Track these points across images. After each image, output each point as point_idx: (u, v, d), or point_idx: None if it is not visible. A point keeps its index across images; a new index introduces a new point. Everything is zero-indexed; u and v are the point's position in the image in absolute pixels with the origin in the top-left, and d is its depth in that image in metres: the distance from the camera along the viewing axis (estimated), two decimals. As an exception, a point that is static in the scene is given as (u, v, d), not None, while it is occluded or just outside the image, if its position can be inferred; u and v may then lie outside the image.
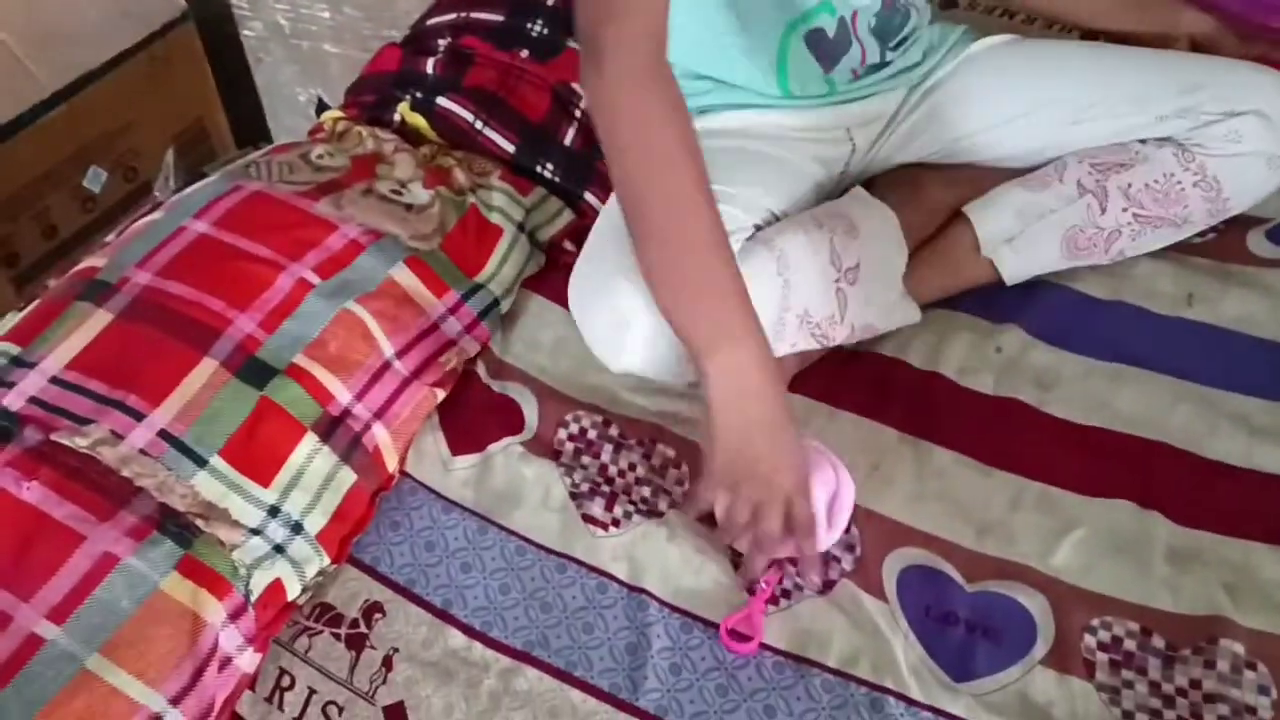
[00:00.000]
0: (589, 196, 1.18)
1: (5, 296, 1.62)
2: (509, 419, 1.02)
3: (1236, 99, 0.99)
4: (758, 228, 0.95)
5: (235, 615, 0.85)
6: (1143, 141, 1.02)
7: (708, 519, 0.89)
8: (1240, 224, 1.07)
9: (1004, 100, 1.06)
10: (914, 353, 1.03)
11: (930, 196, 1.08)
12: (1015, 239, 1.04)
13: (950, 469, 0.94)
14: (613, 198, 1.02)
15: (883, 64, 1.05)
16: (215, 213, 1.04)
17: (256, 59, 1.90)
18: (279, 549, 0.89)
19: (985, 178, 1.07)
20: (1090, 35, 1.16)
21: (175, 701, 0.81)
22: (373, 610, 0.92)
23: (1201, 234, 1.07)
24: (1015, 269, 1.05)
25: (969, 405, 0.99)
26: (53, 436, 0.88)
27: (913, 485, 0.94)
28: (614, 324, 0.90)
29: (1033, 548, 0.89)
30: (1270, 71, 1.00)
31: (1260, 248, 1.07)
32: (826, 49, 1.00)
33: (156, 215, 1.07)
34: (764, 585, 0.88)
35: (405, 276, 1.03)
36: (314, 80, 1.85)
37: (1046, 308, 1.05)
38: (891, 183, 1.10)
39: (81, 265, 1.03)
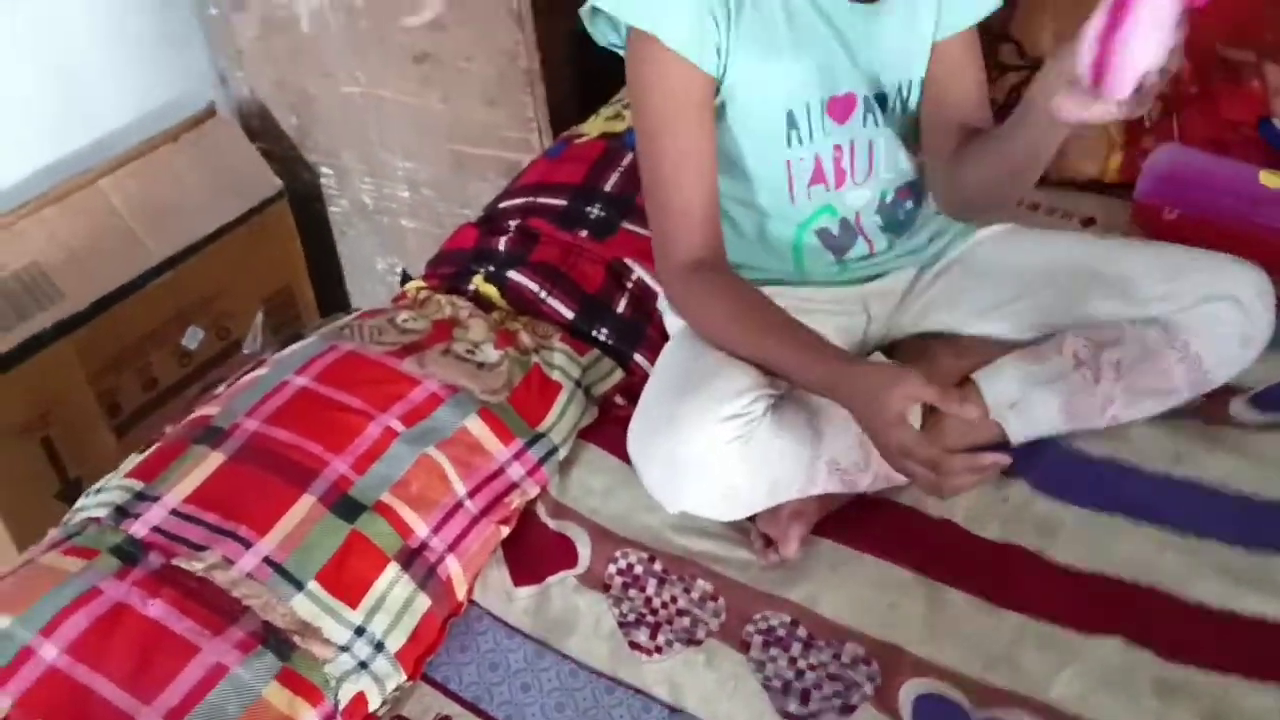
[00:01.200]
0: (638, 357, 1.32)
1: (107, 442, 1.78)
2: (565, 554, 1.14)
3: (1213, 285, 1.13)
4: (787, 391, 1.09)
5: (326, 721, 0.97)
6: (1132, 321, 1.16)
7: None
8: (1223, 392, 1.18)
9: (1005, 283, 1.20)
10: (928, 501, 1.14)
11: (942, 364, 1.21)
12: (1018, 404, 1.16)
13: (960, 607, 1.04)
14: (662, 356, 1.19)
15: (890, 247, 1.20)
16: (314, 369, 1.21)
17: (341, 232, 2.10)
18: (363, 665, 1.01)
19: (991, 349, 1.20)
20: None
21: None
22: (443, 722, 1.03)
23: (1191, 400, 1.18)
24: (1019, 431, 1.16)
25: (977, 550, 1.09)
26: (173, 561, 1.02)
27: (927, 621, 1.04)
28: (669, 467, 1.04)
29: (1034, 679, 0.98)
30: (1242, 261, 1.15)
31: (1242, 414, 1.18)
32: (835, 243, 1.18)
33: (262, 370, 1.23)
34: None
35: (477, 426, 1.17)
36: (391, 251, 2.04)
37: (1048, 464, 1.16)
38: (907, 351, 1.24)
39: (196, 414, 1.19)
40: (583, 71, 1.75)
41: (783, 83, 1.11)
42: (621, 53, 1.14)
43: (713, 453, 1.02)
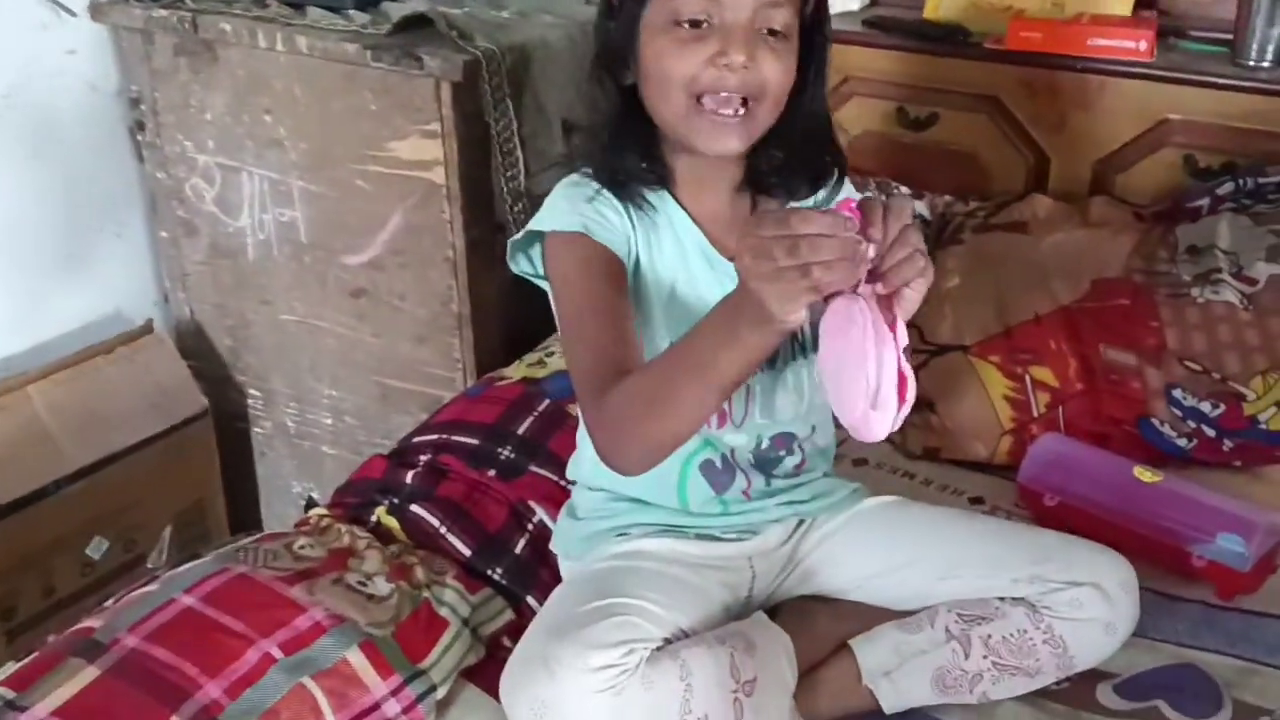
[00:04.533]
0: (530, 600, 1.33)
1: (-1, 648, 1.74)
2: (432, 798, 1.12)
3: (1077, 571, 1.17)
4: (667, 641, 1.11)
5: None
6: (1002, 599, 1.20)
7: None
8: (1092, 677, 1.21)
9: (885, 554, 1.24)
10: (801, 772, 1.15)
11: (820, 628, 1.24)
12: (892, 673, 1.18)
13: None
14: (549, 598, 1.20)
15: (770, 492, 1.25)
16: (203, 589, 1.21)
17: (261, 453, 2.13)
18: None
19: (869, 615, 1.23)
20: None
21: None
22: None
23: (1058, 682, 1.21)
24: (892, 700, 1.18)
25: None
26: (27, 777, 1.00)
27: None
28: (537, 712, 1.03)
29: None
30: (1111, 551, 1.21)
31: (1109, 700, 1.20)
32: (715, 477, 1.22)
33: (152, 586, 1.24)
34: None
35: (358, 658, 1.17)
36: (309, 476, 2.07)
37: (918, 740, 1.18)
38: (789, 612, 1.27)
39: (80, 625, 1.18)
40: (511, 319, 1.83)
41: (663, 316, 1.17)
42: (533, 279, 1.21)
43: (582, 702, 1.02)
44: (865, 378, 0.89)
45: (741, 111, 1.09)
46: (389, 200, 1.79)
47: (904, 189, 1.90)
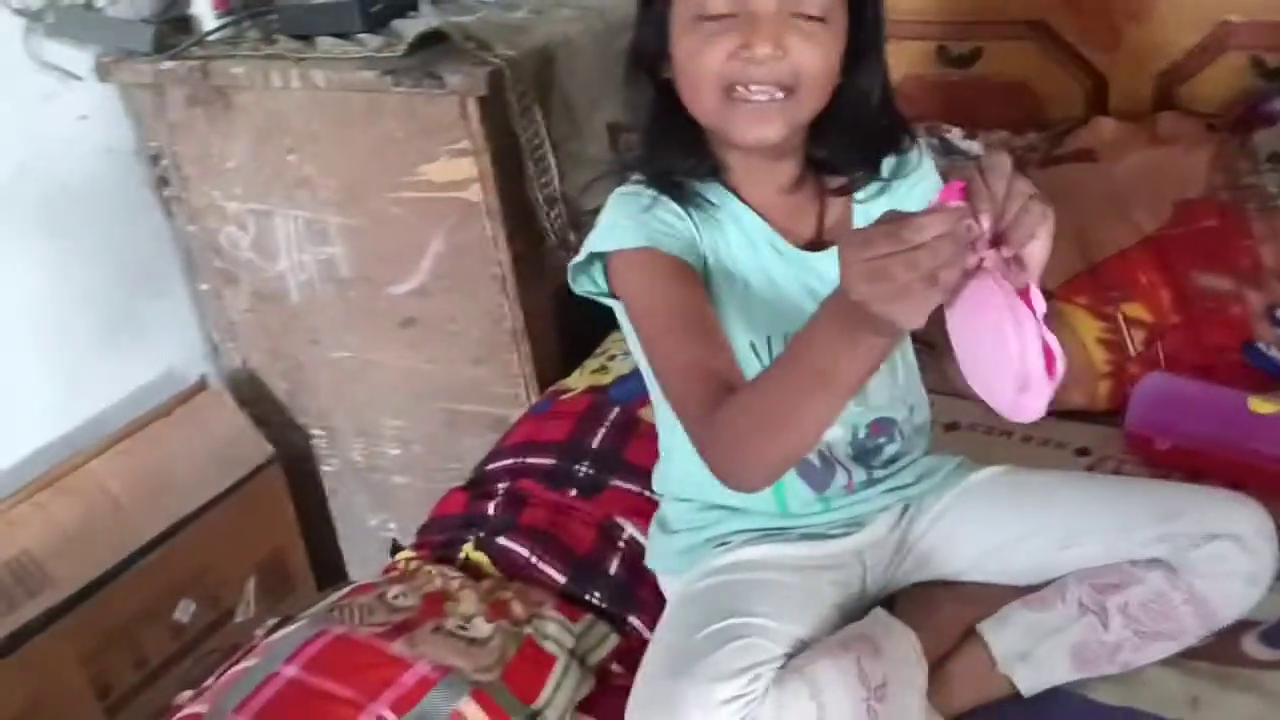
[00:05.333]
0: (634, 620, 1.29)
1: (97, 725, 1.73)
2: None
3: (1213, 524, 1.11)
4: (789, 656, 1.06)
5: None
6: (1134, 562, 1.13)
7: None
8: (1235, 628, 1.15)
9: (1000, 529, 1.19)
10: (943, 768, 1.10)
11: (944, 615, 1.18)
12: (1028, 655, 1.13)
13: None
14: (659, 626, 1.15)
15: (872, 481, 1.19)
16: (303, 657, 1.17)
17: (333, 491, 2.10)
18: None
19: (993, 595, 1.17)
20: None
21: None
22: None
23: (1202, 639, 1.15)
24: (1030, 683, 1.13)
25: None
26: None
27: None
28: None
29: None
30: (1243, 498, 1.14)
31: (1256, 650, 1.15)
32: (814, 476, 1.16)
33: (251, 661, 1.20)
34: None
35: (471, 709, 1.12)
36: (383, 508, 2.04)
37: (1062, 716, 1.11)
38: (908, 602, 1.21)
39: (186, 711, 1.15)
40: (565, 327, 1.79)
41: (740, 315, 1.11)
42: (600, 298, 1.15)
43: (715, 737, 0.97)
44: (1009, 361, 0.82)
45: (780, 96, 1.02)
46: (427, 225, 1.75)
47: (955, 130, 1.82)
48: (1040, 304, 0.82)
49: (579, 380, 1.65)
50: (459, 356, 1.83)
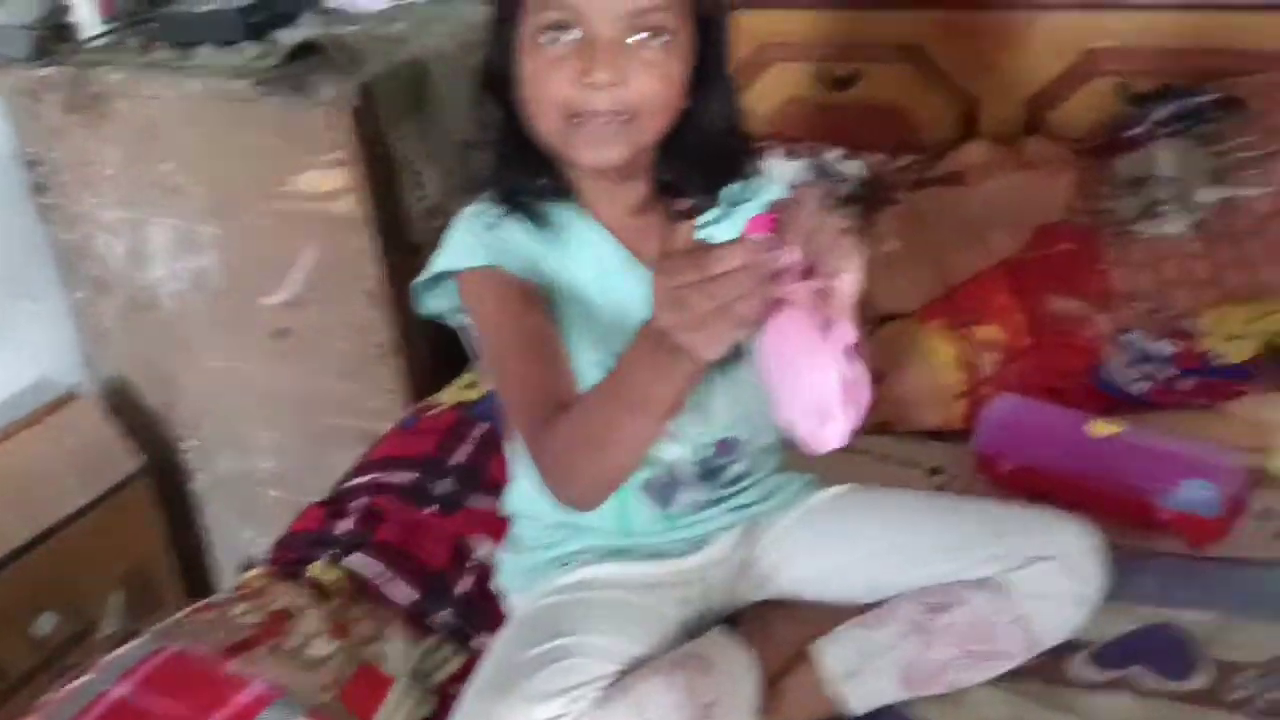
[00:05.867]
0: (482, 640, 1.28)
1: (-51, 737, 1.69)
2: None
3: (1040, 545, 1.13)
4: (623, 673, 1.06)
5: None
6: (965, 582, 1.15)
7: None
8: (1066, 649, 1.17)
9: (840, 548, 1.20)
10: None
11: (781, 633, 1.19)
12: (857, 674, 1.14)
13: None
14: (491, 644, 1.14)
15: (716, 500, 1.20)
16: (138, 675, 1.16)
17: (203, 504, 2.09)
18: None
19: (831, 614, 1.18)
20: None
21: None
22: None
23: (1030, 660, 1.17)
24: (860, 702, 1.14)
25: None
26: None
27: None
28: None
29: None
30: (1072, 519, 1.17)
31: (1082, 672, 1.17)
32: (658, 494, 1.17)
33: (87, 676, 1.19)
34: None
35: (304, 731, 1.12)
36: (254, 522, 2.02)
37: (889, 736, 1.13)
38: (749, 621, 1.22)
39: (17, 727, 1.14)
40: (439, 342, 1.76)
41: (587, 333, 1.12)
42: (445, 318, 1.16)
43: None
44: (806, 392, 0.85)
45: (621, 120, 1.03)
46: (300, 236, 1.74)
47: (835, 151, 1.84)
48: (848, 336, 0.84)
49: (449, 396, 1.65)
50: (332, 370, 1.83)
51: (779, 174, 1.20)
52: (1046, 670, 1.17)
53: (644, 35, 1.01)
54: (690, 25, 1.05)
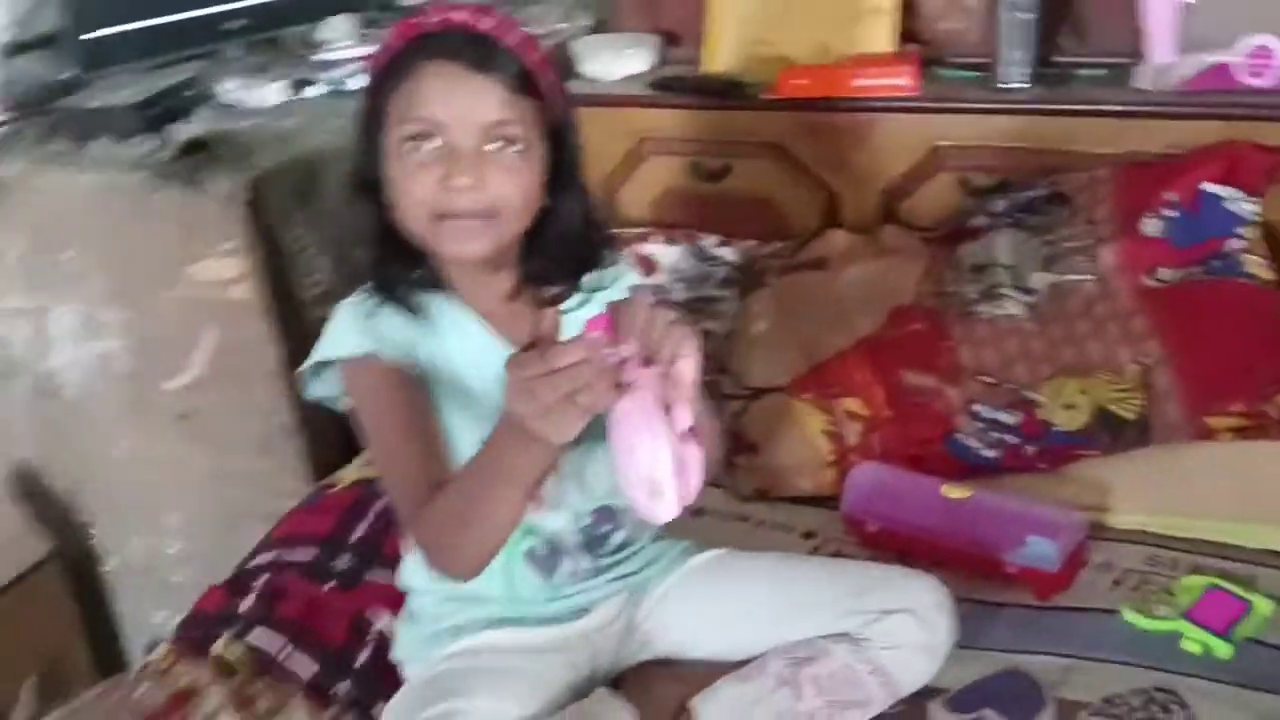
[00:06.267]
0: (381, 709, 1.34)
1: None
2: None
3: (893, 600, 1.23)
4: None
5: None
6: (826, 636, 1.24)
7: None
8: (924, 695, 1.25)
9: (715, 608, 1.29)
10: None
11: (662, 691, 1.27)
12: (732, 727, 1.23)
13: None
14: (387, 708, 1.21)
15: (599, 570, 1.28)
16: (43, 760, 1.20)
17: (114, 588, 2.09)
18: None
19: (711, 671, 1.26)
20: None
21: None
22: None
23: (891, 707, 1.26)
24: (738, 754, 1.23)
25: None
26: None
27: None
28: None
29: None
30: (923, 576, 1.27)
31: (940, 716, 1.25)
32: (541, 564, 1.24)
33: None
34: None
35: (204, 804, 1.17)
36: (166, 604, 2.00)
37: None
38: (630, 681, 1.29)
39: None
40: (343, 421, 1.82)
41: (464, 414, 1.19)
42: (330, 404, 1.23)
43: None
44: (639, 469, 0.96)
45: (484, 217, 1.12)
46: (199, 321, 1.79)
47: (710, 238, 1.97)
48: (684, 421, 0.95)
49: (350, 473, 1.70)
50: (236, 451, 1.87)
51: (627, 268, 1.31)
52: (907, 716, 1.24)
53: (499, 144, 1.11)
54: (541, 134, 1.14)
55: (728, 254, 1.94)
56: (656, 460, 0.95)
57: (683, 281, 1.94)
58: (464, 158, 1.09)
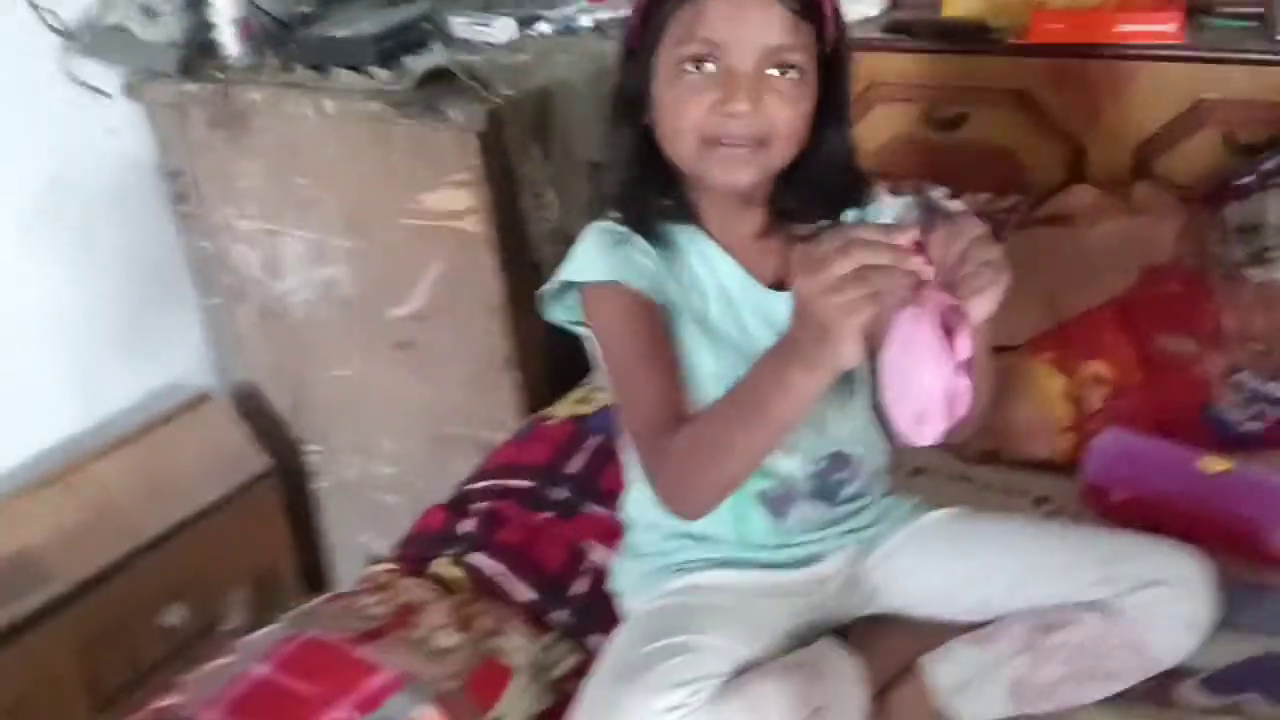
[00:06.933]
0: (595, 640, 1.33)
1: (84, 724, 1.78)
2: None
3: (1153, 570, 1.16)
4: (735, 674, 1.10)
5: None
6: (1075, 604, 1.18)
7: None
8: (1176, 674, 1.18)
9: (950, 568, 1.24)
10: (880, 794, 1.14)
11: (891, 646, 1.23)
12: (965, 689, 1.17)
13: None
14: (610, 640, 1.20)
15: (832, 521, 1.24)
16: (277, 656, 1.24)
17: (325, 508, 2.17)
18: None
19: (940, 631, 1.22)
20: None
21: None
22: None
23: (1140, 683, 1.19)
24: (968, 716, 1.17)
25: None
26: None
27: None
28: None
29: None
30: (1180, 546, 1.19)
31: (1193, 697, 1.18)
32: (774, 507, 1.21)
33: (229, 657, 1.26)
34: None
35: (430, 714, 1.18)
36: (373, 526, 2.09)
37: (997, 752, 1.16)
38: (859, 633, 1.26)
39: (162, 702, 1.21)
40: (555, 358, 1.84)
41: (705, 349, 1.17)
42: (573, 328, 1.21)
43: (651, 744, 1.02)
44: (914, 392, 0.94)
45: (756, 143, 1.09)
46: (426, 252, 1.82)
47: (940, 190, 1.88)
48: (963, 352, 0.90)
49: (562, 409, 1.70)
50: (452, 381, 1.90)
51: (889, 206, 1.25)
52: (1156, 694, 1.18)
53: (778, 70, 1.08)
54: (816, 64, 1.11)
55: (957, 206, 1.85)
56: (932, 386, 0.92)
57: (907, 234, 1.87)
58: (743, 82, 1.07)
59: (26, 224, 1.87)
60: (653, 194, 1.17)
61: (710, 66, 1.07)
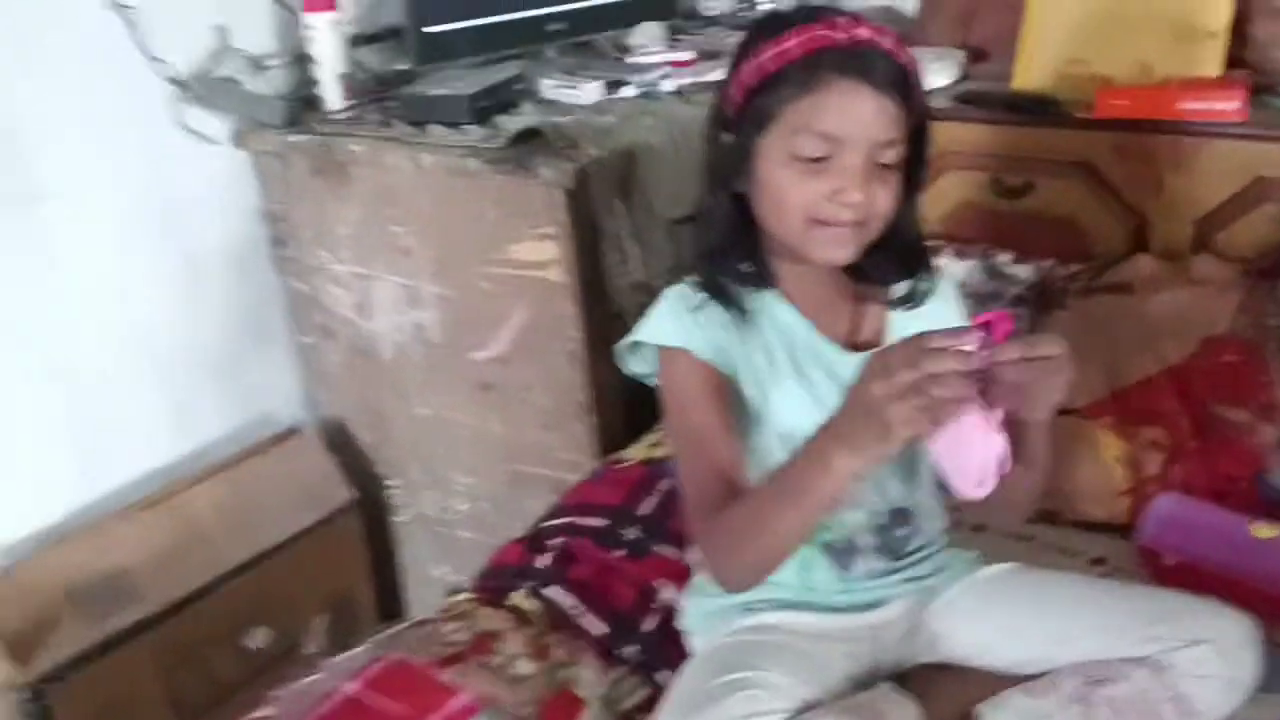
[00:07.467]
0: (663, 676, 1.39)
1: (168, 739, 1.86)
2: None
3: (1196, 629, 1.19)
4: (795, 713, 1.16)
5: None
6: (1125, 659, 1.22)
7: None
8: (1218, 733, 1.23)
9: (1005, 620, 1.28)
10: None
11: (947, 694, 1.27)
12: (1020, 739, 1.22)
13: None
14: (678, 677, 1.25)
15: (893, 570, 1.29)
16: (365, 676, 1.32)
17: (402, 540, 2.25)
18: None
19: (994, 681, 1.26)
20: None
21: None
22: None
23: (1184, 740, 1.23)
24: (1019, 762, 1.22)
25: None
26: None
27: None
28: None
29: None
30: (1227, 607, 1.22)
31: (1237, 756, 1.23)
32: (838, 558, 1.27)
33: (318, 675, 1.34)
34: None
35: (507, 738, 1.26)
36: (446, 559, 2.18)
37: (1048, 801, 1.20)
38: (915, 680, 1.31)
39: (257, 714, 1.29)
40: (630, 403, 1.91)
41: (774, 409, 1.23)
42: (648, 380, 1.29)
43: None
44: (972, 463, 1.03)
45: (857, 225, 1.17)
46: (511, 299, 1.90)
47: (1005, 255, 1.94)
48: (1000, 415, 1.02)
49: (636, 452, 1.78)
50: (530, 422, 1.97)
51: (950, 273, 1.33)
52: (1200, 750, 1.23)
53: (884, 160, 1.15)
54: (904, 156, 1.18)
55: (1022, 272, 1.91)
56: (985, 459, 1.02)
57: (970, 297, 1.93)
58: (858, 175, 1.14)
59: (135, 262, 1.99)
60: (738, 260, 1.23)
61: (827, 156, 1.14)
